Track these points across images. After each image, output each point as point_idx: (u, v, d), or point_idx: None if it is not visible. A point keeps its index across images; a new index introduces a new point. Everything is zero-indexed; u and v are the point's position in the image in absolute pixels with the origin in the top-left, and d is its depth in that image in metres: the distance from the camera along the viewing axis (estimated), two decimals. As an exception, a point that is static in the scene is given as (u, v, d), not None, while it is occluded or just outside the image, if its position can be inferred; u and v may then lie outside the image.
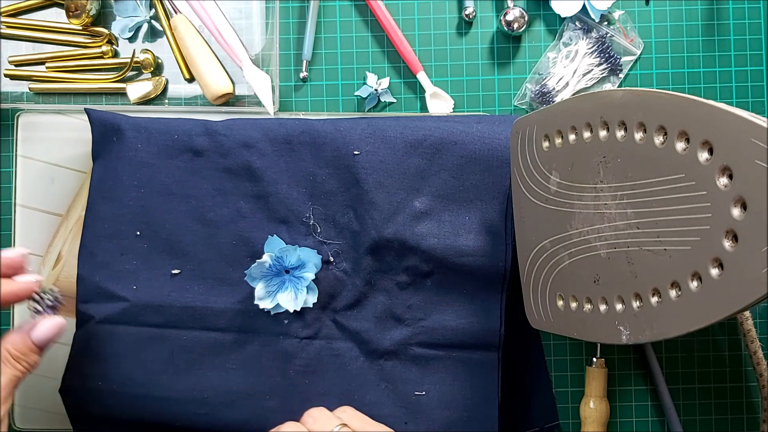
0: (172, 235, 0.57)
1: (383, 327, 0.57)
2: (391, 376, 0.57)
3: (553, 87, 0.61)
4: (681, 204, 0.40)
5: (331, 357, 0.57)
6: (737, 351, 0.61)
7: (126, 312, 0.57)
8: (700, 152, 0.39)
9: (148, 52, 0.62)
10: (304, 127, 0.58)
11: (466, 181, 0.57)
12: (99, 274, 0.57)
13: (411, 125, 0.57)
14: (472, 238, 0.56)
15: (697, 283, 0.39)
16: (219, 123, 0.58)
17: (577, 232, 0.47)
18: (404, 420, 0.56)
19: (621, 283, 0.44)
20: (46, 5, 0.63)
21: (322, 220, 0.57)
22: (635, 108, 0.42)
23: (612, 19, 0.61)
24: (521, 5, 0.62)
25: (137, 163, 0.58)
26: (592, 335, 0.47)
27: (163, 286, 0.57)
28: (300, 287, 0.56)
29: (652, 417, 0.61)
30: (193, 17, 0.62)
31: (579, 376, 0.61)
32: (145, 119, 0.59)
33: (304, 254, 0.56)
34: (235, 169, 0.58)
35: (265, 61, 0.62)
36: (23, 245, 0.61)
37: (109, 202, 0.58)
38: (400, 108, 0.62)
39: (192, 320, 0.57)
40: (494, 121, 0.57)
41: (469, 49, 0.62)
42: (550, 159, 0.49)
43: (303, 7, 0.63)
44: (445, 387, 0.56)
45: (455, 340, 0.56)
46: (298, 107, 0.62)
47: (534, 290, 0.52)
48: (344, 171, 0.57)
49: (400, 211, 0.56)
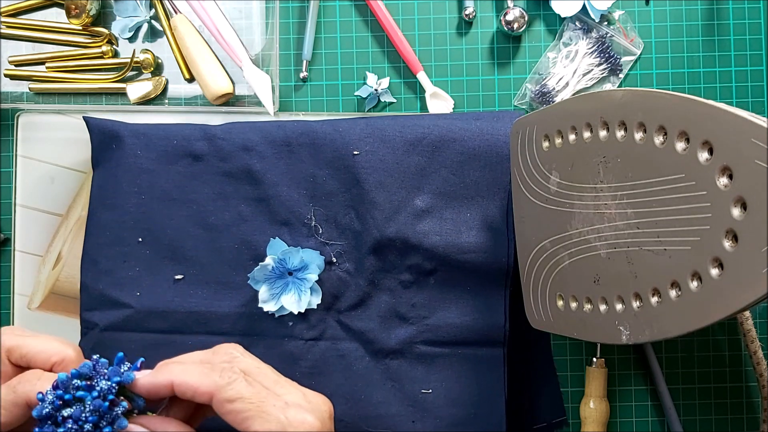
0: (174, 241, 0.58)
1: (388, 326, 0.57)
2: (397, 375, 0.57)
3: (553, 87, 0.61)
4: (681, 204, 0.40)
5: (336, 358, 0.57)
6: (737, 351, 0.61)
7: (130, 319, 0.57)
8: (700, 152, 0.39)
9: (148, 52, 0.62)
10: (303, 129, 0.58)
11: (467, 178, 0.57)
12: (102, 281, 0.57)
13: (410, 124, 0.57)
14: (474, 235, 0.56)
15: (697, 283, 0.39)
16: (218, 127, 0.58)
17: (577, 232, 0.47)
18: (411, 419, 0.56)
19: (621, 283, 0.44)
20: (46, 5, 0.63)
21: (324, 221, 0.57)
22: (635, 108, 0.42)
23: (612, 19, 0.61)
24: (521, 5, 0.62)
25: (137, 169, 0.58)
26: (592, 335, 0.47)
27: (167, 291, 0.57)
28: (303, 289, 0.56)
29: (652, 417, 0.61)
30: (193, 17, 0.62)
31: (579, 376, 0.61)
32: (144, 125, 0.59)
33: (307, 256, 0.56)
34: (235, 172, 0.58)
35: (265, 61, 0.62)
36: (23, 245, 0.61)
37: (110, 209, 0.58)
38: (400, 108, 0.62)
39: (196, 325, 0.57)
40: (493, 118, 0.58)
41: (469, 49, 0.62)
42: (550, 159, 0.49)
43: (303, 7, 0.63)
44: (452, 384, 0.56)
45: (460, 337, 0.56)
46: (298, 107, 0.62)
47: (534, 290, 0.52)
48: (344, 171, 0.57)
49: (402, 210, 0.56)
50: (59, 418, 0.41)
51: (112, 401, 0.41)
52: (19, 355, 0.44)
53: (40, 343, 0.44)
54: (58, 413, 0.41)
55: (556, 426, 0.60)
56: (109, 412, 0.41)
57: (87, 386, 0.41)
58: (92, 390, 0.41)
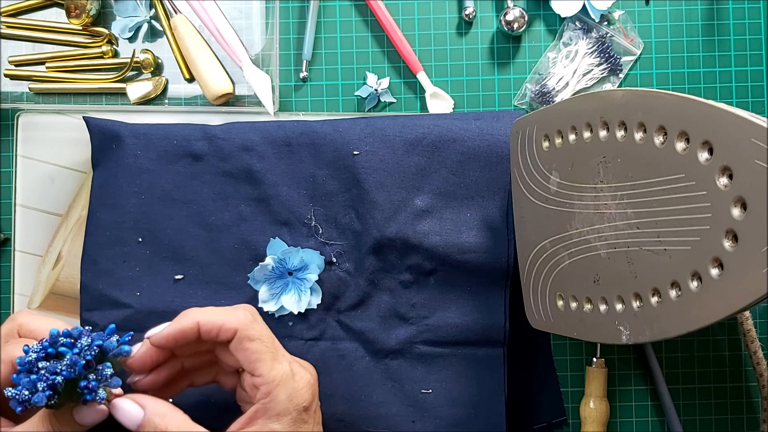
0: (174, 241, 0.58)
1: (388, 326, 0.57)
2: (397, 375, 0.57)
3: (553, 87, 0.61)
4: (681, 204, 0.40)
5: (336, 358, 0.57)
6: (737, 351, 0.61)
7: (130, 319, 0.57)
8: (700, 152, 0.39)
9: (148, 52, 0.62)
10: (303, 129, 0.58)
11: (467, 177, 0.57)
12: (102, 281, 0.57)
13: (410, 124, 0.57)
14: (474, 235, 0.56)
15: (697, 283, 0.39)
16: (218, 127, 0.58)
17: (577, 232, 0.47)
18: (411, 419, 0.56)
19: (621, 283, 0.44)
20: (46, 5, 0.63)
21: (324, 221, 0.57)
22: (635, 108, 0.42)
23: (612, 19, 0.61)
24: (521, 5, 0.62)
25: (137, 169, 0.58)
26: (592, 335, 0.47)
27: (167, 291, 0.57)
28: (303, 289, 0.56)
29: (652, 417, 0.61)
30: (193, 17, 0.62)
31: (579, 376, 0.61)
32: (144, 125, 0.59)
33: (307, 256, 0.56)
34: (235, 172, 0.58)
35: (265, 61, 0.62)
36: (23, 245, 0.61)
37: (110, 209, 0.58)
38: (400, 108, 0.62)
39: None
40: (493, 117, 0.58)
41: (469, 49, 0.62)
42: (550, 159, 0.49)
43: (303, 7, 0.63)
44: (452, 384, 0.56)
45: (460, 337, 0.56)
46: (298, 107, 0.62)
47: (534, 290, 0.52)
48: (344, 171, 0.57)
49: (402, 210, 0.56)
50: (34, 369, 0.41)
51: (88, 362, 0.42)
52: (28, 330, 0.47)
53: (46, 322, 0.47)
54: (35, 365, 0.41)
55: (556, 426, 0.60)
56: (84, 372, 0.41)
57: (70, 344, 0.42)
58: (73, 347, 0.42)
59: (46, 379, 0.40)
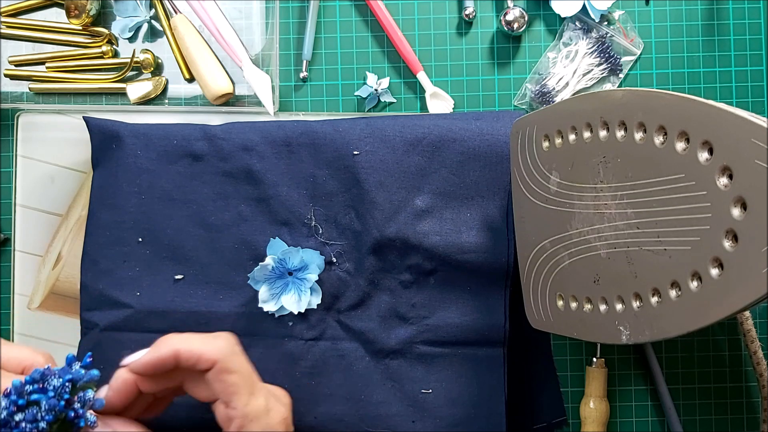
0: (174, 241, 0.58)
1: (388, 326, 0.57)
2: (397, 374, 0.57)
3: (553, 87, 0.61)
4: (681, 204, 0.40)
5: (336, 358, 0.57)
6: (737, 351, 0.61)
7: (130, 318, 0.57)
8: (700, 152, 0.39)
9: (148, 52, 0.62)
10: (303, 129, 0.58)
11: (467, 177, 0.57)
12: (102, 281, 0.57)
13: (410, 124, 0.57)
14: (474, 235, 0.56)
15: (697, 283, 0.39)
16: (218, 127, 0.58)
17: (577, 232, 0.47)
18: (411, 418, 0.56)
19: (621, 283, 0.44)
20: (46, 5, 0.63)
21: (324, 221, 0.57)
22: (635, 108, 0.42)
23: (612, 19, 0.61)
24: (521, 5, 0.62)
25: (137, 169, 0.58)
26: (592, 335, 0.47)
27: (167, 291, 0.57)
28: (303, 289, 0.56)
29: (652, 417, 0.61)
30: (193, 17, 0.62)
31: (579, 376, 0.61)
32: (144, 125, 0.59)
33: (307, 256, 0.56)
34: (235, 172, 0.58)
35: (265, 61, 0.62)
36: (23, 245, 0.61)
37: (110, 209, 0.58)
38: (400, 108, 0.62)
39: (196, 325, 0.57)
40: (493, 117, 0.58)
41: (469, 49, 0.62)
42: (550, 159, 0.49)
43: (303, 7, 0.63)
44: (452, 384, 0.56)
45: (460, 337, 0.57)
46: (298, 107, 0.62)
47: (534, 290, 0.52)
48: (344, 171, 0.57)
49: (402, 210, 0.56)
50: (12, 423, 0.40)
51: (68, 400, 0.41)
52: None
53: (12, 350, 0.45)
54: (12, 419, 0.40)
55: (556, 426, 0.60)
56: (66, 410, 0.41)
57: (39, 389, 0.41)
58: (46, 391, 0.41)
59: (30, 429, 0.40)
